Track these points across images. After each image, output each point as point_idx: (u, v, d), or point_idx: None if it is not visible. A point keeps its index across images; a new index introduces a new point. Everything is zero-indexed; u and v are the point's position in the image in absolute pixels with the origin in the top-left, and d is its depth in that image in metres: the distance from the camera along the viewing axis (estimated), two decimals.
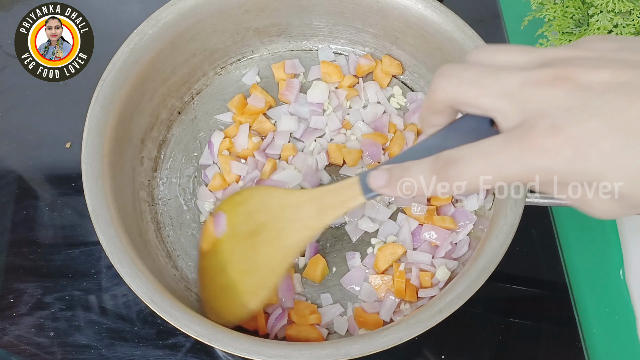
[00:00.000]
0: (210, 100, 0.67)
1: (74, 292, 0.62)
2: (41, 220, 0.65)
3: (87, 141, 0.55)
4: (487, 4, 0.80)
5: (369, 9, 0.63)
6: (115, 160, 0.57)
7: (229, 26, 0.65)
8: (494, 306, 0.62)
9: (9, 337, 0.60)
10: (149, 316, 0.60)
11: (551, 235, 0.64)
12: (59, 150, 0.68)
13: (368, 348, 0.48)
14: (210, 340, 0.48)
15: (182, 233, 0.61)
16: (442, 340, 0.60)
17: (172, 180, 0.64)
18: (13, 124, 0.70)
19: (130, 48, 0.59)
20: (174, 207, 0.62)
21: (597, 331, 0.61)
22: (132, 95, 0.59)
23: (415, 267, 0.58)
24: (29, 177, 0.68)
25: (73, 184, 0.67)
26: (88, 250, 0.64)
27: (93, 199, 0.53)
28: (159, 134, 0.65)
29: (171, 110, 0.66)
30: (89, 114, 0.56)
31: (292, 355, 0.47)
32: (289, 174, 0.62)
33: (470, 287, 0.49)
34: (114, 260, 0.50)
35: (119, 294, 0.62)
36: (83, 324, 0.60)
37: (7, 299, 0.61)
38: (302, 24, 0.67)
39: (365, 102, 0.67)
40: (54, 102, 0.71)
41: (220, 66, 0.68)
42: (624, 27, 0.57)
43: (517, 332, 0.60)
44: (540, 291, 0.63)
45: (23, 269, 0.63)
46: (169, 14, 0.60)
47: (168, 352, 0.59)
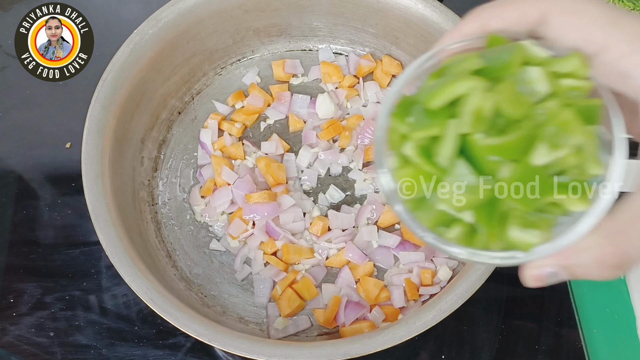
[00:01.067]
0: (211, 101, 0.67)
1: (74, 292, 0.62)
2: (41, 220, 0.65)
3: (87, 141, 0.55)
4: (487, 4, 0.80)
5: (369, 9, 0.63)
6: (115, 160, 0.57)
7: (229, 26, 0.65)
8: (494, 306, 0.62)
9: (9, 337, 0.60)
10: (149, 316, 0.60)
11: None
12: (59, 150, 0.68)
13: (368, 348, 0.48)
14: (210, 340, 0.48)
15: (182, 233, 0.61)
16: (442, 340, 0.60)
17: (172, 180, 0.64)
18: (13, 124, 0.70)
19: (130, 48, 0.59)
20: (174, 207, 0.62)
21: (598, 331, 0.61)
22: (132, 95, 0.59)
23: (417, 266, 0.58)
24: (29, 177, 0.68)
25: (73, 184, 0.67)
26: (88, 250, 0.64)
27: (93, 198, 0.53)
28: (159, 134, 0.65)
29: (171, 110, 0.66)
30: (89, 114, 0.56)
31: (292, 355, 0.47)
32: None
33: (470, 287, 0.49)
34: (114, 260, 0.50)
35: (119, 293, 0.62)
36: (83, 324, 0.60)
37: (7, 299, 0.61)
38: (302, 24, 0.67)
39: (365, 102, 0.67)
40: (54, 102, 0.71)
41: (220, 66, 0.68)
42: None
43: (517, 332, 0.60)
44: (541, 291, 0.63)
45: (23, 269, 0.63)
46: (169, 14, 0.60)
47: (168, 352, 0.59)
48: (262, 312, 0.59)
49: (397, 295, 0.57)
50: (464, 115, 0.30)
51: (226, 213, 0.62)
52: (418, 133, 0.31)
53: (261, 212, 0.59)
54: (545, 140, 0.30)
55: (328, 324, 0.57)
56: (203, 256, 0.61)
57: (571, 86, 0.32)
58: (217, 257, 0.61)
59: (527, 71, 0.31)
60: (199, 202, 0.62)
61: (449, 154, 0.30)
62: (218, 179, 0.62)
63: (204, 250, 0.61)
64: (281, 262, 0.59)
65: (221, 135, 0.65)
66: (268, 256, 0.60)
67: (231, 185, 0.61)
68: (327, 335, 0.57)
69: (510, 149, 0.30)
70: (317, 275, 0.59)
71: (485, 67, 0.32)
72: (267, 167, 0.62)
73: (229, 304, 0.59)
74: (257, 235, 0.60)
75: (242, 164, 0.63)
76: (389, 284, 0.59)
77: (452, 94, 0.31)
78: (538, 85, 0.31)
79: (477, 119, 0.30)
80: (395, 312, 0.57)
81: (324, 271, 0.60)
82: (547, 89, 0.31)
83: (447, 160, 0.30)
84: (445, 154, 0.30)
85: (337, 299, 0.58)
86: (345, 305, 0.57)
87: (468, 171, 0.30)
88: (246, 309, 0.59)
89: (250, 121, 0.66)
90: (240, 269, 0.60)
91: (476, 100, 0.30)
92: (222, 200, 0.61)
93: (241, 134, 0.66)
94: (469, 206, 0.31)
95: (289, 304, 0.57)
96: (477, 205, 0.31)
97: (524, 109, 0.30)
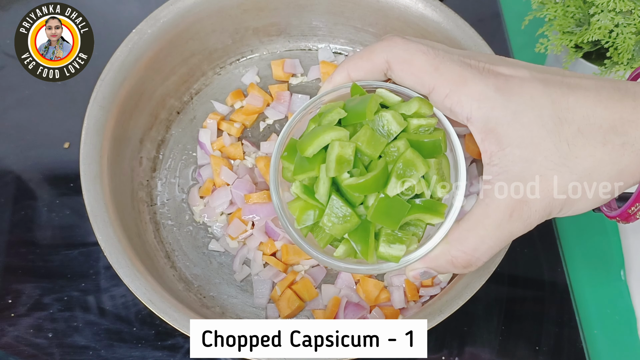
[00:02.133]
0: (209, 100, 0.67)
1: (73, 292, 0.62)
2: (39, 221, 0.65)
3: (85, 141, 0.55)
4: (487, 3, 0.79)
5: (368, 8, 0.63)
6: (114, 161, 0.57)
7: (228, 26, 0.65)
8: (494, 306, 0.61)
9: (8, 338, 0.60)
10: (148, 317, 0.60)
11: (552, 235, 0.64)
12: (58, 151, 0.68)
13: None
14: None
15: (180, 233, 0.61)
16: (442, 341, 0.60)
17: (171, 181, 0.63)
18: (12, 123, 0.70)
19: (129, 48, 0.58)
20: (172, 207, 0.62)
21: (598, 332, 0.61)
22: (131, 95, 0.59)
23: None
24: (27, 177, 0.67)
25: (71, 184, 0.66)
26: (86, 250, 0.63)
27: (91, 199, 0.52)
28: (158, 134, 0.65)
29: (170, 110, 0.66)
30: (87, 114, 0.56)
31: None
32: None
33: (470, 287, 0.49)
34: (112, 260, 0.50)
35: (117, 294, 0.61)
36: (81, 325, 0.60)
37: (5, 299, 0.61)
38: (301, 23, 0.67)
39: None
40: (53, 102, 0.71)
41: (219, 66, 0.68)
42: (625, 26, 0.57)
43: (517, 332, 0.60)
44: (541, 291, 0.63)
45: (21, 269, 0.63)
46: (168, 14, 0.60)
47: (167, 353, 0.59)
48: (262, 313, 0.58)
49: (397, 296, 0.57)
50: (329, 162, 0.38)
51: (225, 213, 0.62)
52: (300, 175, 0.39)
53: (260, 212, 0.59)
54: (395, 176, 0.37)
55: None
56: (202, 257, 0.60)
57: (419, 125, 0.40)
58: (216, 258, 0.61)
59: (383, 116, 0.39)
60: (197, 203, 0.62)
61: (324, 192, 0.39)
62: (217, 179, 0.62)
63: (203, 250, 0.61)
64: (280, 263, 0.59)
65: (220, 135, 0.65)
66: (267, 257, 0.59)
67: (230, 186, 0.61)
68: None
69: (369, 186, 0.37)
70: (316, 276, 0.59)
71: (348, 116, 0.39)
72: (267, 167, 0.61)
73: (228, 304, 0.59)
74: (256, 235, 0.60)
75: (241, 164, 0.63)
76: (388, 285, 0.58)
77: (321, 143, 0.38)
78: (391, 126, 0.39)
79: (339, 164, 0.38)
80: (395, 313, 0.57)
81: (323, 272, 0.60)
82: (398, 129, 0.39)
83: (323, 197, 0.39)
84: (322, 192, 0.39)
85: (337, 300, 0.57)
86: (345, 306, 0.57)
87: (341, 204, 0.38)
88: (245, 310, 0.58)
89: (249, 121, 0.66)
90: (240, 270, 0.60)
91: (337, 149, 0.38)
92: (221, 200, 0.61)
93: (240, 134, 0.65)
94: (344, 232, 0.39)
95: (289, 305, 0.57)
96: (352, 230, 0.39)
97: (380, 149, 0.38)
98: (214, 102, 0.67)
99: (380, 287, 0.57)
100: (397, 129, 0.39)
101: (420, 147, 0.39)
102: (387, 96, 0.41)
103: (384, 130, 0.39)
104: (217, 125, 0.65)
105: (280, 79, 0.68)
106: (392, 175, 0.38)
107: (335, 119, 0.40)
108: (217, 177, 0.62)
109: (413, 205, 0.39)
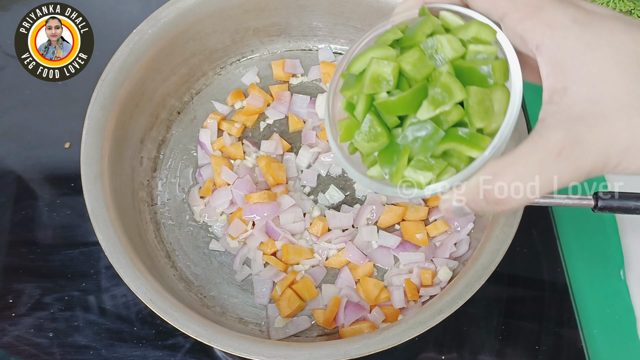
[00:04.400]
0: (210, 101, 0.67)
1: (73, 292, 0.62)
2: (40, 221, 0.65)
3: (86, 141, 0.55)
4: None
5: (368, 8, 0.63)
6: (115, 161, 0.57)
7: (229, 26, 0.65)
8: (494, 306, 0.61)
9: (8, 337, 0.60)
10: (148, 316, 0.60)
11: (551, 235, 0.64)
12: (58, 151, 0.68)
13: (368, 348, 0.47)
14: (209, 340, 0.48)
15: (181, 233, 0.61)
16: (442, 340, 0.60)
17: (172, 181, 0.64)
18: (12, 124, 0.70)
19: (129, 48, 0.59)
20: (173, 207, 0.62)
21: (598, 331, 0.61)
22: (132, 95, 0.59)
23: (417, 267, 0.58)
24: (28, 177, 0.67)
25: (72, 184, 0.66)
26: (87, 250, 0.63)
27: (92, 199, 0.53)
28: (159, 134, 0.65)
29: (170, 110, 0.66)
30: (88, 114, 0.56)
31: (291, 356, 0.47)
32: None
33: (470, 287, 0.49)
34: (113, 260, 0.50)
35: (118, 294, 0.61)
36: (82, 325, 0.60)
37: (6, 299, 0.61)
38: (301, 23, 0.67)
39: None
40: (53, 102, 0.71)
41: (219, 66, 0.68)
42: None
43: (517, 332, 0.60)
44: (541, 291, 0.63)
45: (22, 269, 0.63)
46: (169, 14, 0.60)
47: (167, 353, 0.59)
48: (262, 313, 0.58)
49: (397, 295, 0.57)
50: (364, 79, 0.37)
51: (226, 213, 0.62)
52: (346, 92, 0.39)
53: (261, 212, 0.59)
54: (429, 99, 0.36)
55: (328, 324, 0.57)
56: (202, 257, 0.61)
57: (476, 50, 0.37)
58: (216, 258, 0.61)
59: (437, 39, 0.37)
60: (198, 203, 0.62)
61: (361, 109, 0.38)
62: (217, 179, 0.62)
63: (204, 250, 0.61)
64: (281, 263, 0.59)
65: (220, 135, 0.65)
66: (268, 257, 0.59)
67: (231, 186, 0.61)
68: (327, 335, 0.57)
69: (399, 106, 0.36)
70: (317, 275, 0.59)
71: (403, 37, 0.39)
72: (268, 166, 0.62)
73: (229, 304, 0.59)
74: (256, 235, 0.60)
75: (241, 164, 0.63)
76: (389, 285, 0.59)
77: (366, 61, 0.38)
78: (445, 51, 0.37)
79: (373, 81, 0.37)
80: (395, 312, 0.57)
81: (323, 272, 0.60)
82: (452, 54, 0.37)
83: (360, 114, 0.38)
84: (359, 109, 0.38)
85: (337, 299, 0.58)
86: (345, 306, 0.57)
87: (373, 122, 0.37)
88: (246, 309, 0.59)
89: (250, 121, 0.66)
90: (240, 270, 0.60)
91: (374, 67, 0.37)
92: (221, 200, 0.61)
93: (241, 134, 0.65)
94: (372, 150, 0.38)
95: (289, 304, 0.57)
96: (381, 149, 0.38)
97: (425, 72, 0.36)
98: (215, 102, 0.67)
99: (380, 286, 0.58)
100: (451, 53, 0.36)
101: (469, 74, 0.36)
102: (451, 19, 0.39)
103: (438, 54, 0.37)
104: (218, 125, 0.65)
105: (281, 79, 0.68)
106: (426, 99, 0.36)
107: (390, 39, 0.39)
108: (218, 177, 0.62)
109: (449, 133, 0.36)
